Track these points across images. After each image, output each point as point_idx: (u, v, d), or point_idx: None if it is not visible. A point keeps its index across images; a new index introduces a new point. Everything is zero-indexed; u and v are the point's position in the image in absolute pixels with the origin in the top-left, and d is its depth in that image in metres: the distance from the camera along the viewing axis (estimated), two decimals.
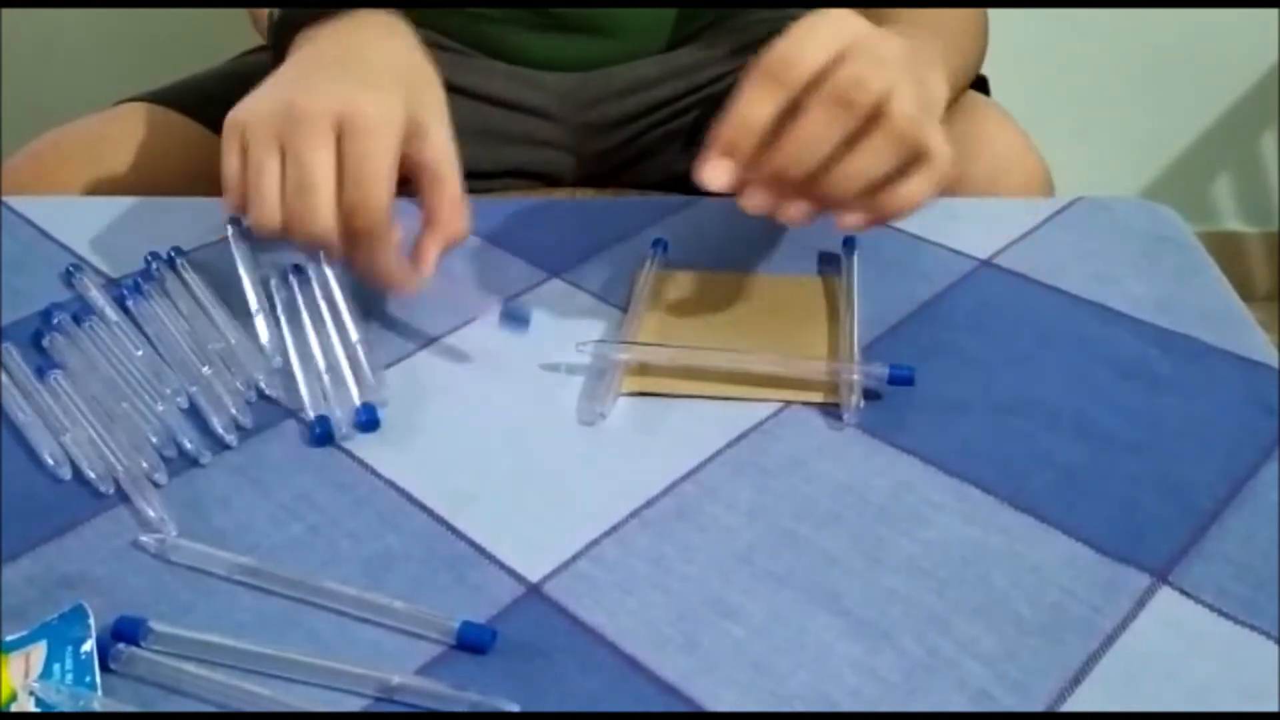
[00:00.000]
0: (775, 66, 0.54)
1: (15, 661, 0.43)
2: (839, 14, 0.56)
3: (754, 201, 0.56)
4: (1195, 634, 0.45)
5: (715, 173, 0.55)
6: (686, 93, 0.91)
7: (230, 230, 0.68)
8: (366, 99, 0.58)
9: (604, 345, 0.60)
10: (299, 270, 0.65)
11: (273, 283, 0.64)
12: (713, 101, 0.91)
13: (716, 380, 0.58)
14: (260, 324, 0.61)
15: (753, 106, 0.54)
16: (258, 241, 0.67)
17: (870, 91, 0.53)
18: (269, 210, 0.58)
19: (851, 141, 0.54)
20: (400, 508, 0.51)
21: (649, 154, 0.92)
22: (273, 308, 0.63)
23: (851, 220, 0.57)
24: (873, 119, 0.53)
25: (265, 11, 0.76)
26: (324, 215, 0.57)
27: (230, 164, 0.60)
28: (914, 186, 0.55)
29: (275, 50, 0.68)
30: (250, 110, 0.60)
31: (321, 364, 0.59)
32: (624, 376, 0.58)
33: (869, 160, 0.54)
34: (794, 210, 0.56)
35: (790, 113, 0.54)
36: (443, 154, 0.62)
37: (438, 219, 0.61)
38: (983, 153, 0.78)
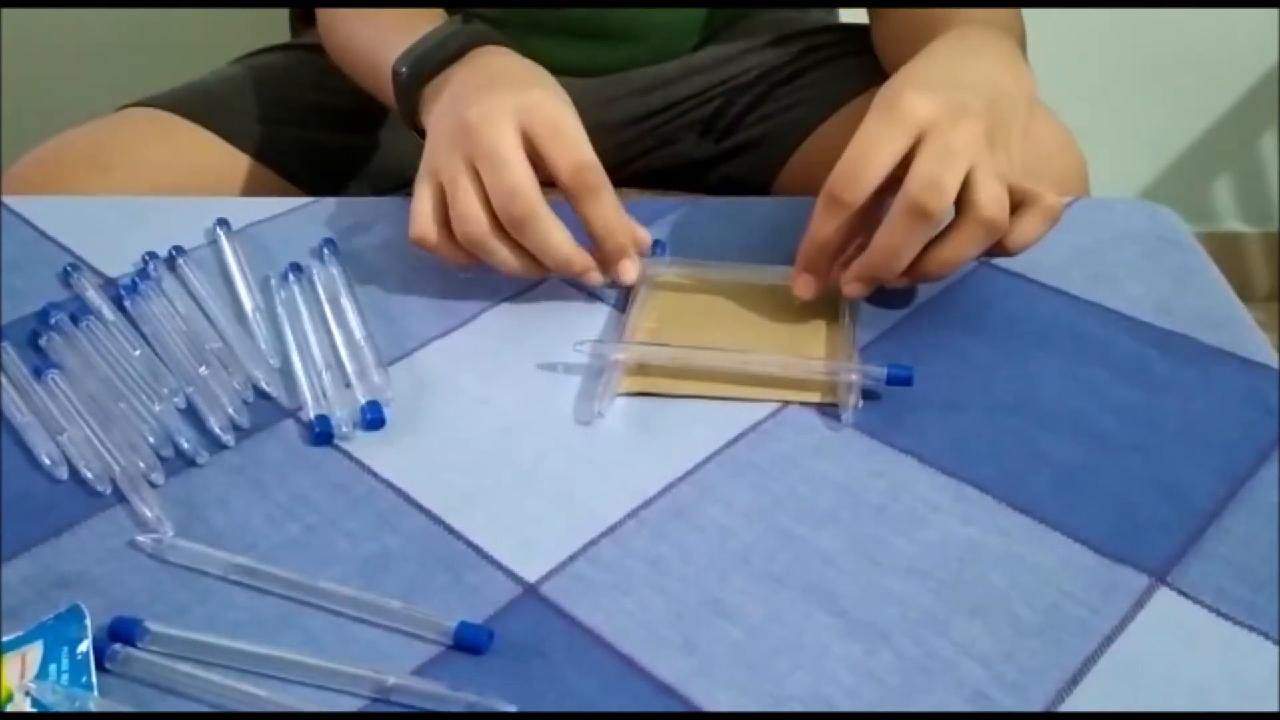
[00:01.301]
0: (839, 188, 0.57)
1: (11, 662, 0.43)
2: (903, 105, 0.57)
3: (853, 289, 0.60)
4: (1193, 635, 0.45)
5: (804, 288, 0.61)
6: (707, 88, 0.91)
7: (220, 231, 0.68)
8: (533, 92, 0.61)
9: (601, 345, 0.60)
10: (298, 269, 0.65)
11: (273, 283, 0.64)
12: (735, 91, 0.91)
13: (714, 380, 0.58)
14: (257, 323, 0.61)
15: (822, 229, 0.58)
16: (250, 241, 0.67)
17: (945, 194, 0.55)
18: (472, 212, 0.59)
19: (934, 236, 0.58)
20: (398, 508, 0.51)
21: (664, 143, 0.92)
22: (272, 307, 0.63)
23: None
24: (959, 209, 0.57)
25: (360, 50, 0.77)
26: (527, 183, 0.58)
27: (422, 208, 0.61)
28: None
29: (406, 102, 0.69)
30: (431, 153, 0.62)
31: (321, 363, 0.58)
32: (621, 376, 0.58)
33: (956, 249, 0.58)
34: (895, 284, 0.61)
35: (873, 207, 0.58)
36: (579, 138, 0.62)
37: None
38: (1027, 145, 0.78)
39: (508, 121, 0.59)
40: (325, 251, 0.67)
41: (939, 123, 0.56)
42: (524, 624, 0.46)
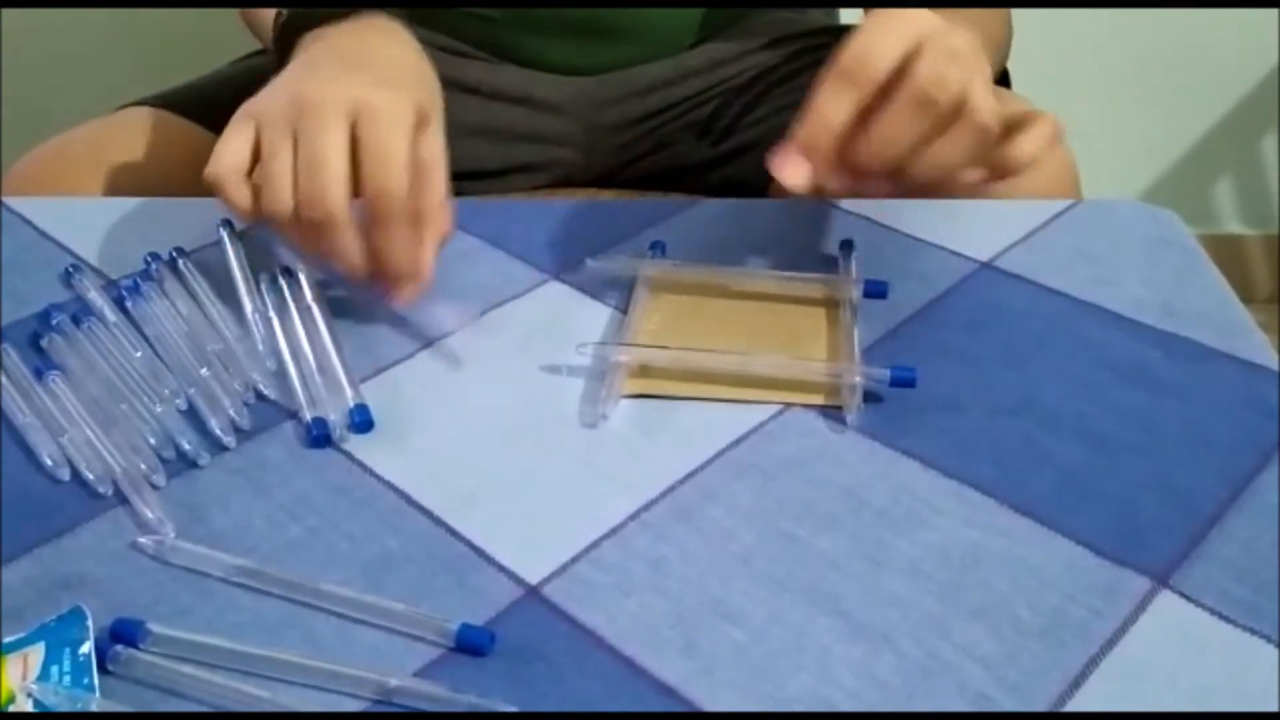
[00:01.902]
0: (851, 67, 0.55)
1: (13, 663, 0.43)
2: (905, 11, 0.57)
3: (837, 186, 0.57)
4: (1195, 638, 0.45)
5: (795, 172, 0.56)
6: (705, 89, 0.91)
7: (223, 232, 0.68)
8: (378, 93, 0.59)
9: (605, 347, 0.60)
10: (289, 273, 0.65)
11: (263, 285, 0.64)
12: (732, 93, 0.91)
13: (718, 382, 0.58)
14: (255, 325, 0.61)
15: (831, 107, 0.55)
16: (252, 242, 0.67)
17: (950, 89, 0.55)
18: (281, 193, 0.58)
19: (932, 133, 0.56)
20: (399, 510, 0.51)
21: (662, 146, 0.92)
22: (268, 309, 0.62)
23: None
24: (954, 112, 0.55)
25: (263, 14, 0.76)
26: (336, 193, 0.57)
27: (232, 148, 0.60)
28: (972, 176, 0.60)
29: (280, 51, 0.69)
30: (263, 101, 0.61)
31: (314, 365, 0.58)
32: (625, 379, 0.58)
33: (950, 151, 0.57)
34: (877, 190, 0.59)
35: (867, 107, 0.55)
36: (436, 153, 0.62)
37: (424, 217, 0.61)
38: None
39: (339, 118, 0.58)
40: None
41: (937, 30, 0.56)
42: (526, 626, 0.46)
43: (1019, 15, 0.88)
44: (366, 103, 0.58)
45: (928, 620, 0.46)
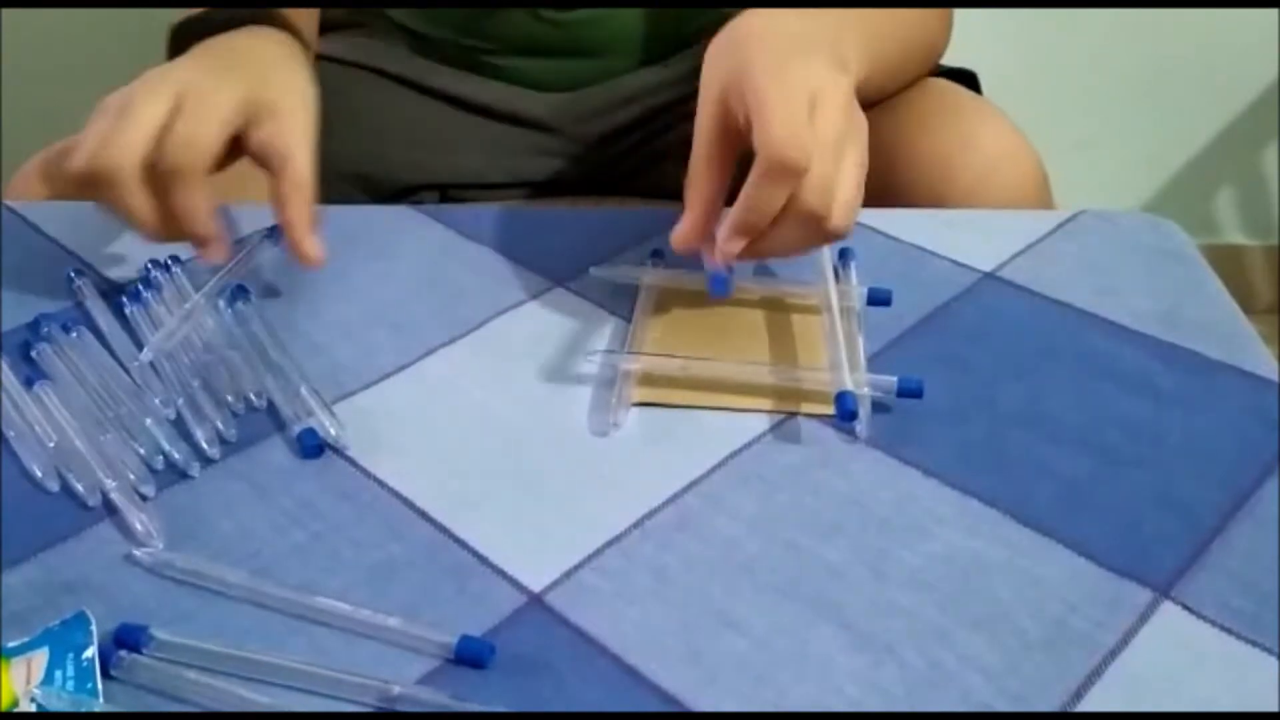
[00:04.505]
0: (797, 157, 0.54)
1: (17, 667, 0.43)
2: (792, 68, 0.57)
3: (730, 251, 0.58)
4: (1197, 649, 0.45)
5: (733, 248, 0.58)
6: (693, 96, 0.91)
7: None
8: (207, 79, 0.61)
9: (614, 356, 0.60)
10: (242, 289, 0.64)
11: (253, 300, 0.63)
12: None
13: (724, 391, 0.58)
14: (246, 336, 0.61)
15: (773, 200, 0.55)
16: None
17: (829, 198, 0.55)
18: (84, 146, 0.59)
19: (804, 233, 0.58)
20: (402, 516, 0.51)
21: (659, 159, 0.92)
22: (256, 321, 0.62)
23: None
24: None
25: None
26: (131, 139, 0.58)
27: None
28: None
29: (176, 45, 0.70)
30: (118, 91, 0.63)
31: (298, 376, 0.58)
32: (634, 387, 0.58)
33: (812, 245, 0.59)
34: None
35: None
36: (291, 136, 0.62)
37: (279, 197, 0.61)
38: (972, 153, 0.77)
39: (167, 88, 0.60)
40: None
41: (826, 88, 0.56)
42: (528, 633, 0.46)
43: (1023, 26, 0.88)
44: (191, 86, 0.60)
45: (930, 630, 0.46)
